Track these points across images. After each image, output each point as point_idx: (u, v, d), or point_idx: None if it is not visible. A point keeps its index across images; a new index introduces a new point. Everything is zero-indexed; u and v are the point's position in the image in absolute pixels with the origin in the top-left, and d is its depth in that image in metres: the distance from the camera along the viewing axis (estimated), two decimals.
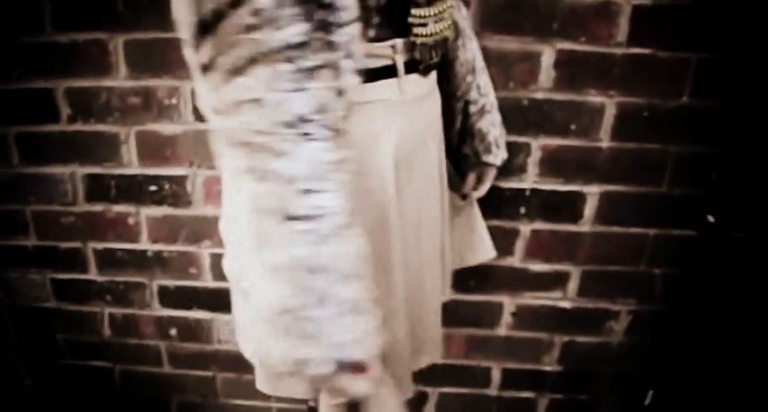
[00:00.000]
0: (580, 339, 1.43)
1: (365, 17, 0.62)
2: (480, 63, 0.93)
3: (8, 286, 1.45)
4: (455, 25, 0.84)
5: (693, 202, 1.28)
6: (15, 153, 1.31)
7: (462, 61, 0.88)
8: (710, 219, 1.28)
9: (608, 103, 1.21)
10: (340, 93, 0.59)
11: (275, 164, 0.57)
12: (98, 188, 1.33)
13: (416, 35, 0.75)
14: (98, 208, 1.35)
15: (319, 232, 0.58)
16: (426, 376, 1.38)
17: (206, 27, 0.55)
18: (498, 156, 0.97)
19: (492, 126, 0.95)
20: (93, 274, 1.42)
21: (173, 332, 1.47)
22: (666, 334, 1.40)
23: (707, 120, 1.21)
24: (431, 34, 0.76)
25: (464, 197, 1.03)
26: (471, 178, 1.00)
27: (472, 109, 0.92)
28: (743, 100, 1.19)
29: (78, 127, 1.28)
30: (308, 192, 0.57)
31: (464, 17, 0.88)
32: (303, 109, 0.56)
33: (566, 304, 1.39)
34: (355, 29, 0.58)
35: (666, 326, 1.39)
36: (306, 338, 0.60)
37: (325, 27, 0.56)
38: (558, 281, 1.37)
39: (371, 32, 0.65)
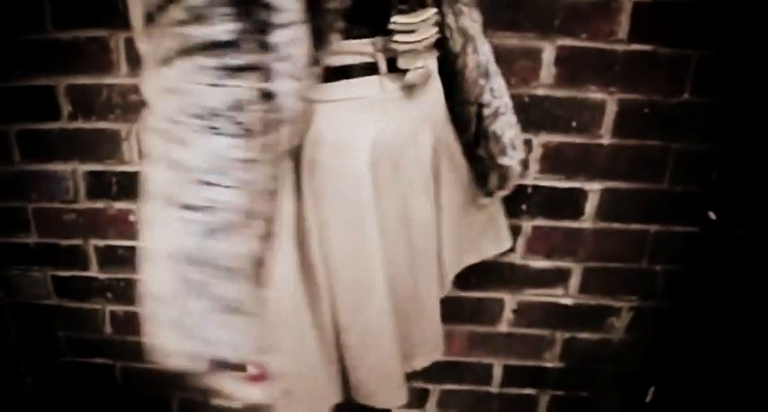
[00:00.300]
0: (581, 336, 1.43)
1: (328, 20, 0.63)
2: (494, 66, 0.92)
3: (9, 283, 1.45)
4: (463, 31, 0.84)
5: (694, 199, 1.28)
6: (16, 150, 1.31)
7: (473, 67, 0.87)
8: (712, 215, 1.28)
9: (609, 100, 1.21)
10: (267, 95, 0.60)
11: (179, 152, 0.58)
12: (99, 185, 1.33)
13: (399, 42, 0.74)
14: (99, 205, 1.35)
15: (208, 225, 0.58)
16: (427, 373, 1.38)
17: (150, 19, 0.57)
18: (515, 158, 0.96)
19: (507, 128, 0.94)
20: (94, 271, 1.42)
21: None
22: (668, 331, 1.40)
23: (708, 116, 1.21)
24: (418, 41, 0.76)
25: (489, 194, 1.01)
26: (493, 179, 0.98)
27: (486, 112, 0.91)
28: (744, 97, 1.19)
29: (79, 124, 1.27)
30: (204, 183, 0.58)
31: (475, 20, 0.87)
32: (216, 103, 0.56)
33: (567, 301, 1.39)
34: (297, 32, 0.59)
35: (668, 323, 1.39)
36: (178, 329, 0.61)
37: (262, 28, 0.57)
38: (560, 277, 1.37)
39: (337, 36, 0.66)
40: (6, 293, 1.46)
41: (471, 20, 0.86)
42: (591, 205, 1.29)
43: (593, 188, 1.28)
